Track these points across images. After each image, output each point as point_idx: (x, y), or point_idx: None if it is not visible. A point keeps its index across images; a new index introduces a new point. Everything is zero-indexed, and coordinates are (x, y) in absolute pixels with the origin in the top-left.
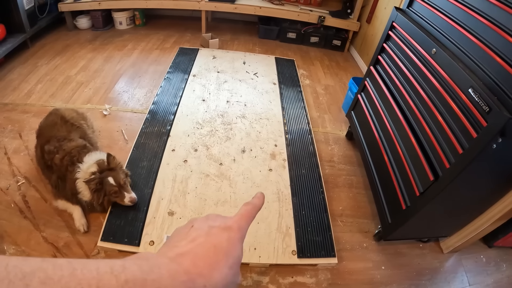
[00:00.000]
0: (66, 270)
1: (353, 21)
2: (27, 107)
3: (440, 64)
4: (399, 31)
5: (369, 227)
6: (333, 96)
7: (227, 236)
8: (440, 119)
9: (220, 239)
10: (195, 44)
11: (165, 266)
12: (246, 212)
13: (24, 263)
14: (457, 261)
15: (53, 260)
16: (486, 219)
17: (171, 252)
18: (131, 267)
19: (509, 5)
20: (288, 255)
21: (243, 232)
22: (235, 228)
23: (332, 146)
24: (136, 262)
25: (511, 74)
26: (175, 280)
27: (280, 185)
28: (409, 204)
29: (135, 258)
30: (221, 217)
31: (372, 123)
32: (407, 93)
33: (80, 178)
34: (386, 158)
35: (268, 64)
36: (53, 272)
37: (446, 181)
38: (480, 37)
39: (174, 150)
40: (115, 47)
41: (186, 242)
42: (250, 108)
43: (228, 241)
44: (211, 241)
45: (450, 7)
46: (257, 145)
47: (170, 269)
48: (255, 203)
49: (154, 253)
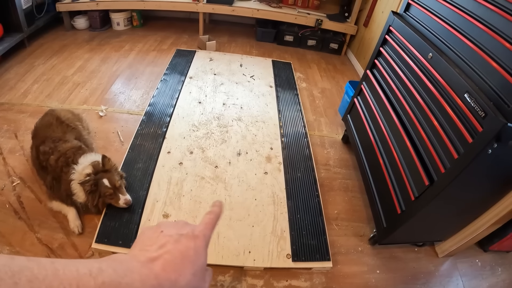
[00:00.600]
0: (49, 270)
1: (350, 25)
2: (23, 107)
3: (436, 69)
4: (396, 35)
5: (364, 231)
6: (329, 100)
7: (194, 245)
8: (435, 123)
9: (187, 247)
10: (192, 46)
11: (137, 270)
12: (209, 220)
13: (12, 262)
14: (452, 265)
15: (37, 259)
16: (481, 223)
17: (142, 256)
18: (107, 270)
19: (506, 10)
20: (282, 258)
21: (207, 240)
22: (201, 237)
23: (328, 150)
24: (111, 265)
25: (507, 80)
26: (145, 284)
27: (276, 188)
28: (404, 209)
29: (111, 260)
30: (188, 225)
31: (368, 127)
32: (403, 97)
33: (75, 180)
34: (381, 162)
35: (265, 66)
36: (38, 271)
37: (441, 186)
38: (476, 42)
39: (169, 152)
40: (112, 47)
41: (156, 247)
42: (246, 110)
43: (195, 250)
44: (179, 248)
45: (447, 12)
46: (252, 148)
47: (141, 273)
48: (216, 212)
49: (127, 256)
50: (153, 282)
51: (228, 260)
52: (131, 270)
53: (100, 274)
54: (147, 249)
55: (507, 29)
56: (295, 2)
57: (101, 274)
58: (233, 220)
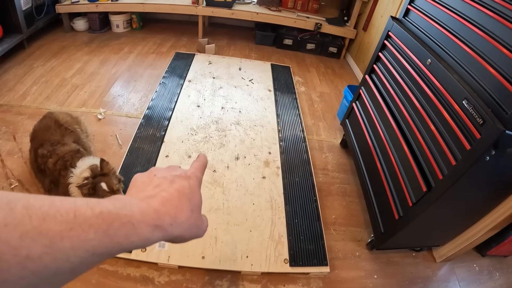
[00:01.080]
0: (46, 200)
1: (349, 29)
2: (22, 108)
3: (434, 75)
4: (395, 41)
5: (362, 235)
6: (328, 104)
7: (188, 184)
8: (433, 130)
9: (182, 186)
10: (192, 49)
11: (136, 204)
12: (198, 165)
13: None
14: (450, 270)
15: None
16: (479, 229)
17: (139, 195)
18: (105, 202)
19: (505, 17)
20: (280, 263)
21: (200, 180)
22: (193, 177)
23: (326, 154)
24: (110, 200)
25: (505, 87)
26: (146, 216)
27: (273, 193)
28: (402, 214)
29: (109, 198)
30: (179, 168)
31: (366, 132)
32: (402, 103)
33: (73, 183)
34: (379, 167)
35: (264, 70)
36: (35, 200)
37: (439, 192)
38: (475, 48)
39: (167, 156)
40: (111, 50)
41: (152, 187)
42: (245, 114)
43: (190, 188)
44: (175, 187)
45: (446, 18)
46: (251, 152)
47: (140, 207)
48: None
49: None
50: (153, 215)
51: (225, 264)
52: (130, 204)
53: (97, 205)
54: (143, 189)
55: (505, 36)
56: (294, 6)
57: (99, 205)
58: (230, 224)
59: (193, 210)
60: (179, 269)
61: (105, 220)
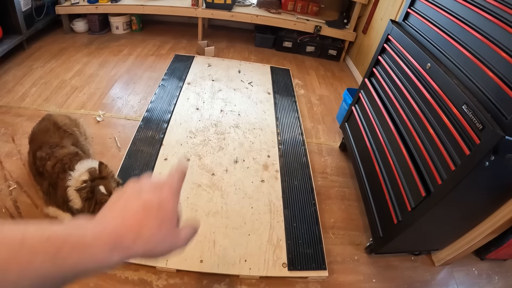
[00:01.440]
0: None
1: (349, 31)
2: (21, 110)
3: (434, 79)
4: (394, 45)
5: (360, 239)
6: (327, 107)
7: (158, 197)
8: (433, 134)
9: (149, 200)
10: (191, 51)
11: (91, 224)
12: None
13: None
14: (448, 273)
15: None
16: (478, 233)
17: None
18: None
19: (505, 21)
20: (278, 267)
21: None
22: (166, 189)
23: (325, 157)
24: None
25: (505, 92)
26: (101, 235)
27: (272, 196)
28: (401, 219)
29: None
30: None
31: (365, 135)
32: (401, 107)
33: (72, 186)
34: (378, 171)
35: (263, 73)
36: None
37: (438, 197)
38: (475, 53)
39: (166, 159)
40: (111, 51)
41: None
42: (244, 117)
43: (159, 202)
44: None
45: (446, 22)
46: (250, 155)
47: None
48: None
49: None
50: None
51: (224, 268)
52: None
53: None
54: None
55: (505, 40)
56: (294, 8)
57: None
58: (229, 228)
59: (161, 225)
60: (177, 272)
61: (54, 244)
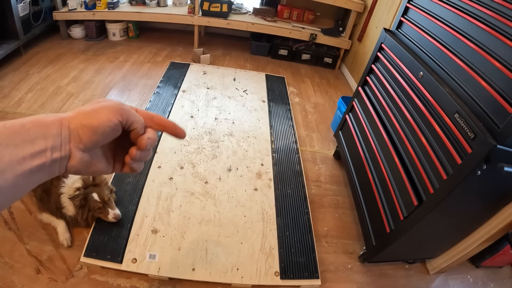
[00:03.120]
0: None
1: (344, 39)
2: (17, 115)
3: (426, 88)
4: (388, 53)
5: (354, 248)
6: (322, 115)
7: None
8: (425, 143)
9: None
10: (187, 58)
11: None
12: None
13: None
14: (443, 281)
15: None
16: (472, 240)
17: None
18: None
19: (498, 30)
20: (271, 276)
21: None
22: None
23: (319, 166)
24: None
25: (497, 100)
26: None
27: (265, 205)
28: (393, 228)
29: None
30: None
31: (359, 144)
32: (394, 116)
33: (65, 193)
34: (371, 180)
35: (258, 81)
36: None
37: (430, 206)
38: (467, 62)
39: (160, 167)
40: (107, 58)
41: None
42: (238, 126)
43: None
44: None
45: (439, 31)
46: (243, 164)
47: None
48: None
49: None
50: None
51: (215, 277)
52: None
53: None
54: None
55: (498, 49)
56: (290, 16)
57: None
58: (221, 236)
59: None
60: (170, 280)
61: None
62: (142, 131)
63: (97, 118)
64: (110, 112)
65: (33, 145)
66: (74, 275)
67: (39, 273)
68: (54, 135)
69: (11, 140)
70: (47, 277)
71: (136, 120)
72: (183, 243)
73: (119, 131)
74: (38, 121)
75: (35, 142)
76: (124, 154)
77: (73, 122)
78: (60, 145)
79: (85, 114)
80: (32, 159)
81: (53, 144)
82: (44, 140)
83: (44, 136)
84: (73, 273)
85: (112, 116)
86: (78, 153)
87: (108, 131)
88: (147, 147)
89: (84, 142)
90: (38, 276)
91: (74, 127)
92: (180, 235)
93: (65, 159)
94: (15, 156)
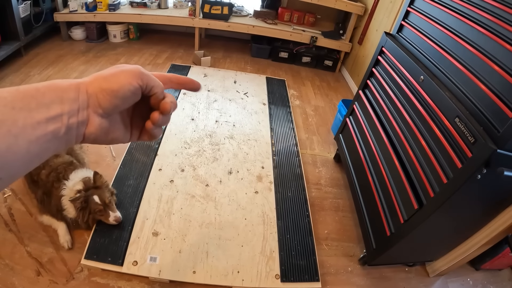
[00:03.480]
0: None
1: (345, 42)
2: None
3: (427, 92)
4: (388, 57)
5: (354, 251)
6: (322, 118)
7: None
8: (425, 147)
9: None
10: (187, 60)
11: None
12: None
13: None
14: (443, 284)
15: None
16: (472, 243)
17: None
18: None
19: (497, 34)
20: (271, 279)
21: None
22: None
23: (320, 169)
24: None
25: (497, 105)
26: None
27: (266, 208)
28: (394, 231)
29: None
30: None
31: (359, 147)
32: (394, 119)
33: (66, 196)
34: (372, 183)
35: (259, 83)
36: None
37: (430, 210)
38: (468, 66)
39: (161, 169)
40: (108, 60)
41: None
42: (239, 128)
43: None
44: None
45: (440, 35)
46: (244, 166)
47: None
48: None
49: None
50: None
51: (216, 279)
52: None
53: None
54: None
55: (498, 54)
56: (290, 19)
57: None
58: (222, 239)
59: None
60: (170, 283)
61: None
62: (162, 95)
63: (117, 82)
64: (130, 76)
65: (48, 109)
66: (74, 277)
67: (40, 275)
68: (71, 100)
69: (25, 104)
70: (48, 279)
71: (156, 84)
72: (183, 246)
73: (139, 95)
74: (54, 85)
75: (50, 107)
76: (141, 121)
77: (92, 87)
78: (78, 110)
79: (105, 78)
80: (47, 124)
81: (69, 109)
82: (60, 104)
83: (60, 100)
84: (73, 276)
85: (133, 79)
86: (97, 118)
87: (128, 95)
88: (171, 111)
89: (104, 106)
90: (38, 278)
91: (93, 92)
92: (181, 237)
93: (82, 125)
94: (29, 121)
